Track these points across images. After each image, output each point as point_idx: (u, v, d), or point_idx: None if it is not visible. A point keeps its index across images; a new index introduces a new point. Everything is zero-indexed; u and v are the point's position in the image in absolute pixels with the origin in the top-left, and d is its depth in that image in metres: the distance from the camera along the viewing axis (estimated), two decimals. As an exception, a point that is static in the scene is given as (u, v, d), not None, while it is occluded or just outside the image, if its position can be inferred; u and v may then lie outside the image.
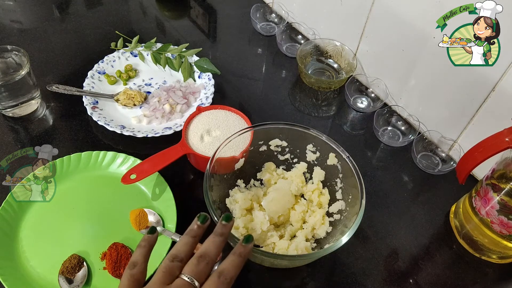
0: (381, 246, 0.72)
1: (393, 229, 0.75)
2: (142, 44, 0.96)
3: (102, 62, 0.93)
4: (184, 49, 0.94)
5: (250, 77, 1.00)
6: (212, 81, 0.90)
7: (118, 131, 0.79)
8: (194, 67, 0.93)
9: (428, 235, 0.75)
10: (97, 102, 0.86)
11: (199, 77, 0.92)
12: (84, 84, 0.88)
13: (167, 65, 0.94)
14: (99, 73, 0.91)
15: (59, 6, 1.12)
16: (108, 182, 0.75)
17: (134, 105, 0.87)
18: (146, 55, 0.96)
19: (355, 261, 0.70)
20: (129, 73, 0.93)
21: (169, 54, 0.94)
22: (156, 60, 0.94)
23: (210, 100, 0.86)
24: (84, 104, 0.83)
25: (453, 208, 0.77)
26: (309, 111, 0.93)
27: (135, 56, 0.96)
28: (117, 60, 0.94)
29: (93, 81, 0.89)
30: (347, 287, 0.67)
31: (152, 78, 0.94)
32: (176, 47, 0.95)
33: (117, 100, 0.87)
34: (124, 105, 0.87)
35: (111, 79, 0.91)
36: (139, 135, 0.79)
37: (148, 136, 0.80)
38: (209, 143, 0.75)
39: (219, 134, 0.76)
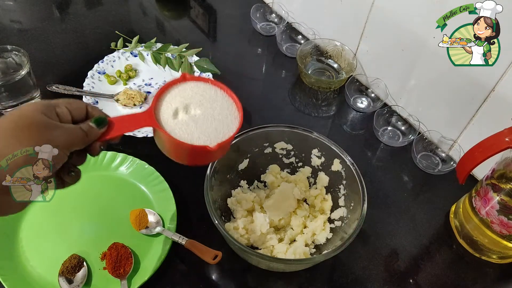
0: (381, 246, 0.72)
1: (393, 229, 0.75)
2: (142, 44, 0.96)
3: (102, 62, 0.93)
4: (184, 49, 0.94)
5: (250, 77, 1.00)
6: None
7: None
8: (194, 67, 0.93)
9: (428, 235, 0.75)
10: (97, 102, 0.86)
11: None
12: (84, 84, 0.88)
13: (167, 65, 0.94)
14: (99, 73, 0.91)
15: (59, 6, 1.12)
16: (108, 182, 0.75)
17: (134, 105, 0.87)
18: (146, 55, 0.96)
19: (355, 261, 0.70)
20: (129, 73, 0.93)
21: (169, 54, 0.94)
22: (156, 60, 0.94)
23: None
24: None
25: (453, 208, 0.77)
26: (309, 111, 0.93)
27: (135, 56, 0.96)
28: (117, 60, 0.94)
29: (93, 81, 0.89)
30: (347, 287, 0.67)
31: (152, 78, 0.94)
32: (176, 47, 0.95)
33: (117, 100, 0.87)
34: (124, 105, 0.87)
35: (111, 79, 0.91)
36: (139, 135, 0.79)
37: (148, 136, 0.79)
38: (182, 122, 0.53)
39: (199, 114, 0.54)
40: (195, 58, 0.94)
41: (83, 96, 0.85)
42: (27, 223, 0.69)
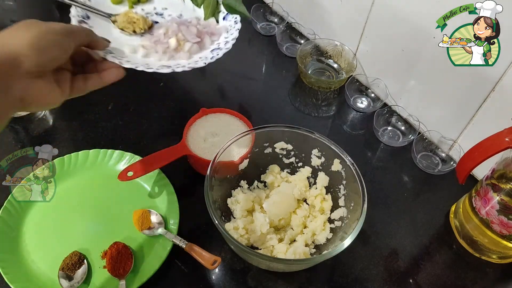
0: (381, 246, 0.72)
1: (393, 229, 0.75)
2: None
3: None
4: None
5: (250, 77, 1.00)
6: (239, 25, 0.70)
7: (101, 54, 0.60)
8: (221, 6, 0.73)
9: (428, 235, 0.75)
10: (88, 17, 0.69)
11: (224, 18, 0.72)
12: None
13: None
14: None
15: (59, 6, 1.12)
16: (114, 181, 0.75)
17: (134, 32, 0.69)
18: None
19: (355, 261, 0.70)
20: None
21: None
22: None
23: (229, 46, 0.69)
24: (70, 15, 0.66)
25: (453, 208, 0.77)
26: (309, 111, 0.93)
27: None
28: None
29: None
30: (347, 287, 0.67)
31: (166, 9, 0.74)
32: None
33: (114, 22, 0.69)
34: (121, 29, 0.68)
35: None
36: (127, 65, 0.59)
37: (138, 68, 0.60)
38: (209, 146, 0.74)
39: (221, 139, 0.75)
40: None
41: (72, 6, 0.68)
42: (31, 218, 0.70)
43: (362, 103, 0.94)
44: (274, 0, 1.10)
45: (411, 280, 0.69)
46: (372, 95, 0.94)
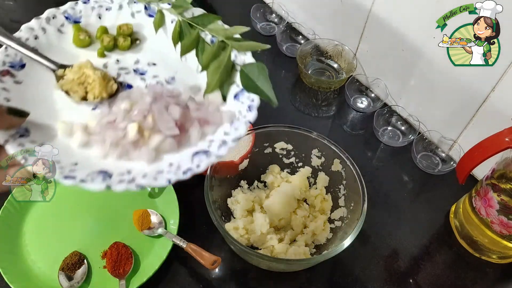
0: (381, 246, 0.72)
1: (393, 229, 0.75)
2: (171, 1, 0.50)
3: (86, 3, 0.51)
4: (237, 35, 0.48)
5: (250, 77, 1.00)
6: (253, 115, 0.45)
7: (2, 138, 0.40)
8: (238, 76, 0.47)
9: (428, 235, 0.75)
10: (22, 66, 0.46)
11: (235, 96, 0.47)
12: (22, 27, 0.49)
13: (191, 53, 0.48)
14: (66, 18, 0.52)
15: (59, 6, 1.12)
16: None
17: (84, 99, 0.45)
18: (170, 22, 0.50)
19: (355, 261, 0.70)
20: (120, 39, 0.50)
21: (207, 34, 0.48)
22: (180, 37, 0.48)
23: (223, 152, 0.42)
24: None
25: (453, 208, 0.77)
26: (309, 111, 0.93)
27: (150, 16, 0.52)
28: (114, 10, 0.52)
29: (43, 28, 0.50)
30: (347, 287, 0.67)
31: (153, 65, 0.49)
32: (225, 26, 0.49)
33: (59, 78, 0.46)
34: (66, 92, 0.45)
35: (80, 37, 0.49)
36: (34, 166, 0.42)
37: (57, 179, 0.42)
38: None
39: None
40: (248, 59, 0.49)
41: (2, 48, 0.47)
42: (31, 218, 0.70)
43: (362, 103, 0.94)
44: (274, 0, 1.10)
45: (411, 280, 0.69)
46: (372, 95, 0.94)
